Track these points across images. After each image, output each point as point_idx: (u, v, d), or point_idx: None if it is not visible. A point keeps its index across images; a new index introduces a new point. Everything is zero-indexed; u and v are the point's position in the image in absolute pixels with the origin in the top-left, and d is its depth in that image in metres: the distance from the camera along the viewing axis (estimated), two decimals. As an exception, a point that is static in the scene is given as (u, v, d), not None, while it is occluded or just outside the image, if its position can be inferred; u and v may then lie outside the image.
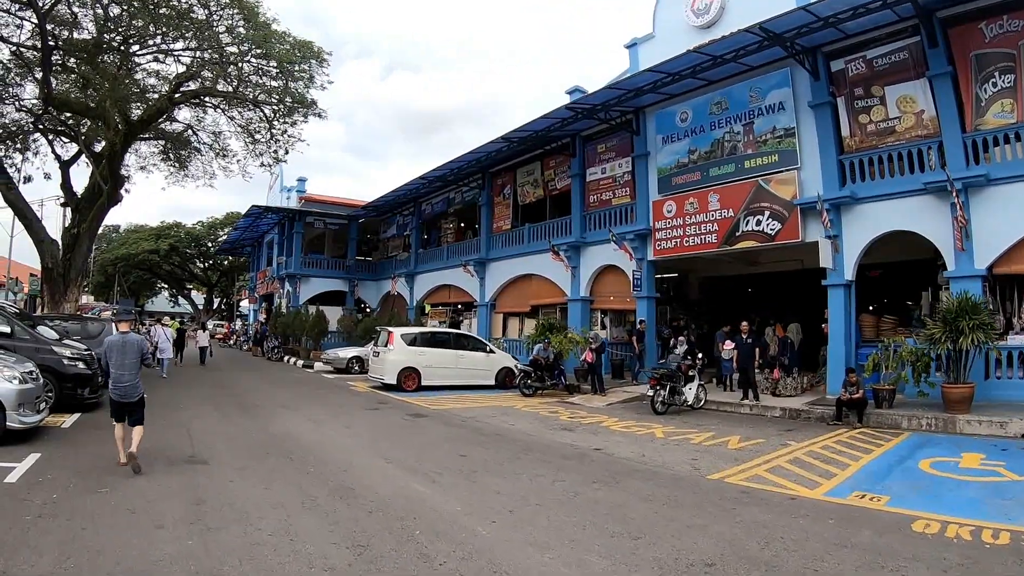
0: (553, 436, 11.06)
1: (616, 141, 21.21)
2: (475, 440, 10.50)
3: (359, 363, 22.90)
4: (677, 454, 9.39)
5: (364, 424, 11.93)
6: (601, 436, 11.05)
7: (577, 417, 13.43)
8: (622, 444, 10.26)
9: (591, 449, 9.81)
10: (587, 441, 10.53)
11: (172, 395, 14.65)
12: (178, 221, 56.59)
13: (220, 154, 26.89)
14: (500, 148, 22.89)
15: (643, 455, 9.27)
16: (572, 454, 9.44)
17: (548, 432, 11.49)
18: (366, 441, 10.16)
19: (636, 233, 19.49)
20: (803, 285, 20.67)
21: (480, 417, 13.18)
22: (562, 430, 11.74)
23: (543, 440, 10.66)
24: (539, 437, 10.95)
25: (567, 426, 12.22)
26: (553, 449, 9.83)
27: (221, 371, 22.64)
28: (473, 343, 19.25)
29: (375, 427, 11.63)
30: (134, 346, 7.63)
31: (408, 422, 12.36)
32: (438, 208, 30.56)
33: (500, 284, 25.71)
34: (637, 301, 19.94)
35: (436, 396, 16.62)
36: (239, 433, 10.32)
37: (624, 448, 9.88)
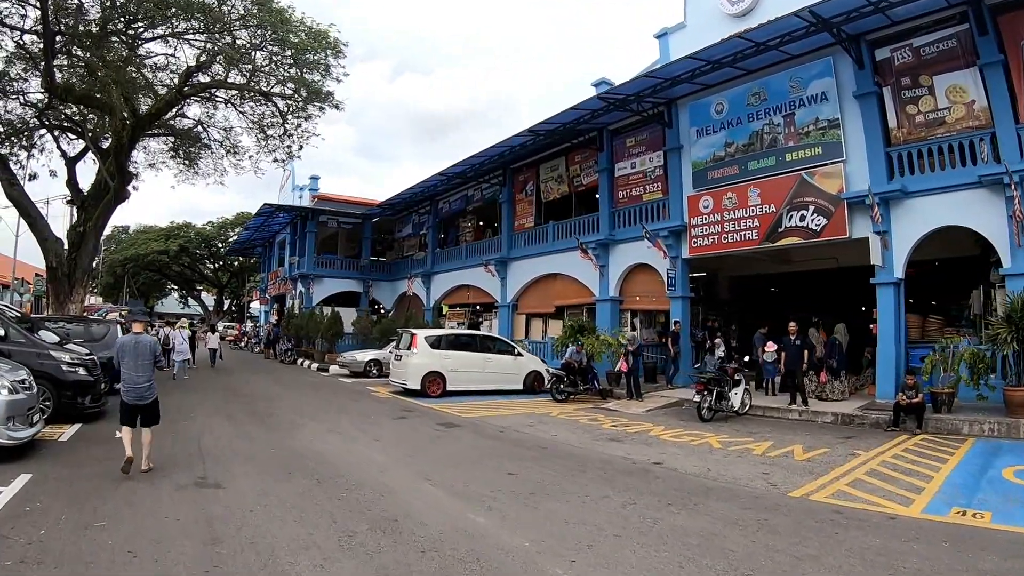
0: (603, 448, 9.98)
1: (646, 135, 20.17)
2: (519, 455, 9.36)
3: (377, 366, 21.79)
4: (744, 467, 8.51)
5: (393, 436, 10.76)
6: (654, 447, 10.04)
7: (620, 425, 12.39)
8: (680, 457, 9.30)
9: (650, 463, 8.79)
10: (642, 453, 9.50)
11: (182, 402, 13.54)
12: (188, 221, 55.71)
13: (231, 151, 25.95)
14: (525, 142, 21.75)
15: (708, 469, 8.36)
16: (632, 470, 8.40)
17: (596, 444, 10.42)
18: (400, 457, 9.00)
19: (670, 230, 18.40)
20: (838, 284, 20.26)
21: (516, 427, 12.06)
22: (609, 441, 10.69)
23: (594, 453, 9.60)
24: (588, 450, 9.88)
25: (613, 436, 11.17)
26: (609, 464, 8.76)
27: (233, 375, 21.57)
28: (500, 345, 18.10)
29: (406, 439, 10.47)
30: (147, 347, 7.43)
31: (441, 433, 11.21)
32: (456, 206, 29.44)
33: (523, 284, 24.57)
34: (671, 301, 18.83)
35: (463, 402, 15.52)
36: (256, 448, 9.15)
37: (684, 461, 8.94)
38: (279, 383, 19.17)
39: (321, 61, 20.50)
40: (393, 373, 17.37)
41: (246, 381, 19.50)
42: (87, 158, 25.59)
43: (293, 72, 20.12)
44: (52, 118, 24.23)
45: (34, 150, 25.46)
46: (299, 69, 19.95)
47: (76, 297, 22.38)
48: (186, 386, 16.92)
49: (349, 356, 22.41)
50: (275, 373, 23.16)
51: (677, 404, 15.45)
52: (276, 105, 22.68)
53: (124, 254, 53.58)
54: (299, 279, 33.84)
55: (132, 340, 7.40)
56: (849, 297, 21.05)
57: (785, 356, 14.15)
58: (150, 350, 7.45)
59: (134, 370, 7.28)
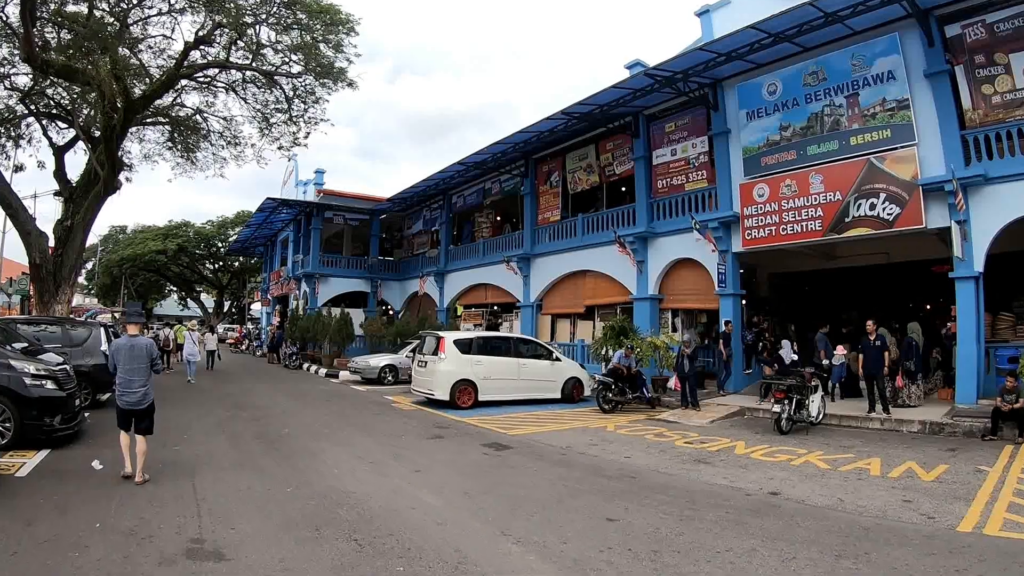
0: (696, 474, 8.14)
1: (688, 119, 18.19)
2: (605, 488, 7.26)
3: (393, 372, 19.63)
4: (877, 494, 7.05)
5: (437, 464, 8.56)
6: (754, 471, 8.29)
7: (694, 442, 10.49)
8: (795, 483, 7.61)
9: (766, 494, 7.07)
10: (746, 480, 7.77)
11: (178, 418, 11.35)
12: (187, 220, 53.27)
13: (232, 142, 23.88)
14: (555, 126, 19.68)
15: (840, 500, 6.84)
16: (754, 506, 6.60)
17: (684, 468, 8.51)
18: (457, 497, 6.81)
19: (720, 221, 16.44)
20: (887, 281, 18.96)
21: (578, 447, 9.97)
22: (697, 463, 8.80)
23: (690, 482, 7.72)
24: (681, 477, 7.97)
25: (698, 456, 9.29)
26: (719, 497, 6.89)
27: (235, 383, 19.30)
28: (535, 349, 15.94)
29: (455, 469, 8.27)
30: (143, 350, 7.11)
31: (493, 458, 9.03)
32: (472, 200, 27.27)
33: (548, 282, 22.43)
34: (720, 299, 16.82)
35: (500, 414, 13.45)
36: (269, 489, 6.93)
37: (804, 490, 7.30)
38: (287, 393, 16.95)
39: (333, 36, 18.43)
40: (415, 381, 15.18)
41: (250, 390, 17.28)
42: (77, 148, 23.57)
43: (303, 42, 17.97)
44: (40, 105, 22.19)
45: (22, 140, 23.47)
46: (309, 37, 17.80)
47: (62, 297, 20.25)
48: (184, 397, 14.69)
49: (362, 361, 20.21)
50: (280, 380, 20.93)
51: (739, 413, 13.82)
52: (282, 88, 20.61)
53: (121, 254, 51.29)
54: (304, 278, 31.67)
55: (127, 343, 7.09)
56: (900, 294, 19.81)
57: (863, 359, 12.49)
58: (146, 353, 7.11)
59: (129, 374, 6.97)
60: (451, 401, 13.95)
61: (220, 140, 24.04)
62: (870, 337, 12.41)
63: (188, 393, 15.63)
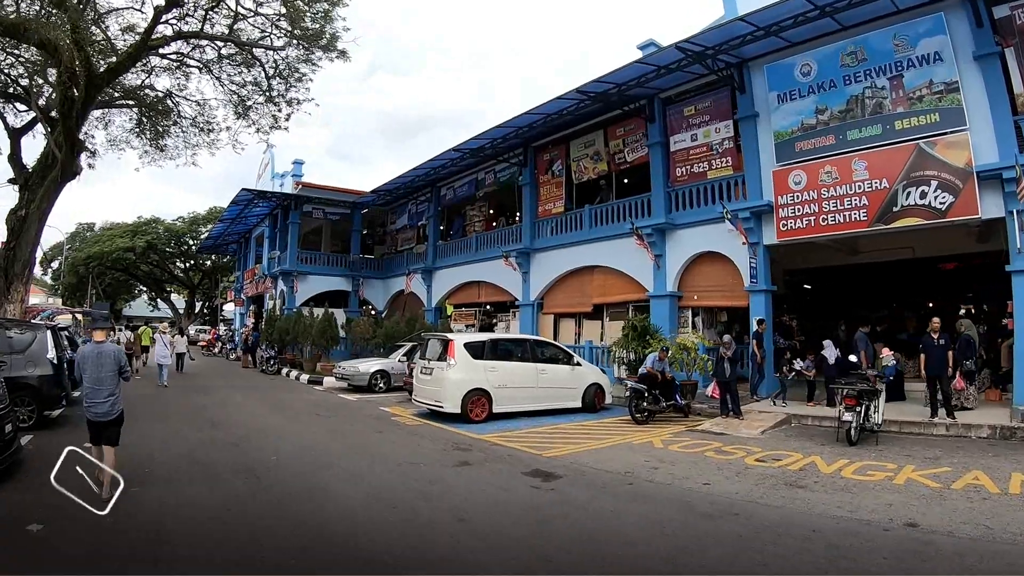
0: (804, 504, 6.56)
1: (710, 102, 16.49)
2: (716, 533, 5.57)
3: (384, 379, 17.44)
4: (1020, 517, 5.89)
5: (482, 508, 6.48)
6: (863, 495, 6.89)
7: (765, 459, 8.95)
8: (917, 508, 6.31)
9: (903, 526, 5.71)
10: (866, 509, 6.29)
11: (140, 443, 8.88)
12: (156, 217, 50.02)
13: (205, 129, 21.51)
14: (566, 106, 17.69)
15: (989, 528, 5.58)
16: (901, 544, 5.27)
17: (781, 495, 6.95)
18: (530, 559, 4.76)
19: (752, 210, 14.76)
20: (915, 277, 18.21)
21: (637, 471, 8.13)
22: (791, 487, 7.26)
23: (807, 516, 6.13)
24: (789, 510, 6.40)
25: (785, 478, 7.69)
26: (858, 537, 5.51)
27: (208, 392, 16.83)
28: (552, 352, 13.96)
29: (509, 517, 6.20)
30: (110, 357, 6.52)
31: (549, 495, 6.94)
32: (463, 192, 25.12)
33: (550, 279, 20.45)
34: (750, 296, 15.16)
35: (521, 428, 11.51)
36: (270, 560, 4.79)
37: (939, 517, 5.97)
38: (268, 404, 14.64)
39: (320, 8, 16.26)
40: (418, 391, 13.03)
41: (225, 401, 14.88)
42: (36, 132, 20.91)
43: (289, 8, 15.75)
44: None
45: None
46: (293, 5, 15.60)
47: (15, 296, 17.62)
48: (150, 411, 12.18)
49: (350, 366, 17.94)
50: (259, 388, 18.53)
51: (786, 421, 12.14)
52: (262, 65, 18.33)
53: (88, 252, 48.01)
54: (281, 276, 29.22)
55: (93, 350, 6.56)
56: (928, 292, 18.87)
57: (925, 359, 11.31)
58: (114, 360, 6.58)
59: (96, 383, 6.44)
60: (463, 414, 11.88)
61: (192, 126, 21.68)
62: (933, 335, 11.22)
63: (155, 406, 13.18)
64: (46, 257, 56.27)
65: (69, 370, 11.66)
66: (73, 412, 11.31)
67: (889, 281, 19.22)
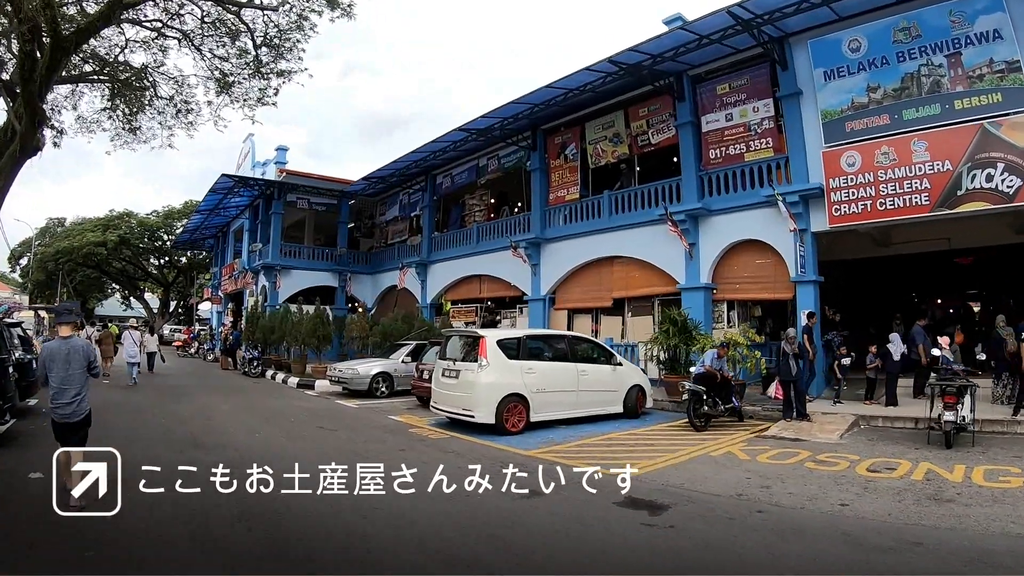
0: (974, 523, 5.47)
1: (745, 79, 14.88)
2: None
3: (387, 382, 15.19)
4: None
5: (598, 564, 4.33)
6: (1017, 506, 5.83)
7: (878, 469, 7.56)
8: None
9: None
10: None
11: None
12: (129, 210, 46.73)
13: (183, 110, 19.09)
14: (592, 80, 15.81)
15: None
16: None
17: (937, 514, 5.77)
18: None
19: (800, 194, 13.22)
20: (940, 270, 17.55)
21: (746, 492, 6.64)
22: (938, 502, 6.13)
23: (988, 538, 5.05)
24: (963, 533, 5.23)
25: (924, 492, 6.47)
26: None
27: (187, 399, 14.17)
28: (593, 350, 11.93)
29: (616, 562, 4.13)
30: (79, 353, 6.02)
31: (669, 536, 4.96)
32: (462, 180, 22.94)
33: (564, 272, 18.44)
34: (798, 287, 13.49)
35: (568, 440, 9.52)
36: None
37: None
38: (260, 413, 12.26)
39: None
40: (439, 397, 10.81)
41: (208, 411, 12.37)
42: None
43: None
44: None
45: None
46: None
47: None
48: (116, 426, 9.46)
49: (347, 368, 15.61)
50: (244, 393, 16.06)
51: (855, 424, 10.60)
52: (250, 32, 15.99)
53: (56, 246, 44.68)
54: (262, 271, 26.71)
55: (61, 347, 5.96)
56: (957, 284, 18.51)
57: (994, 353, 10.94)
58: (83, 356, 6.02)
59: (63, 382, 5.86)
60: (498, 424, 9.77)
61: (169, 107, 19.22)
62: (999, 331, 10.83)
63: (123, 417, 10.58)
64: (14, 254, 52.83)
65: (21, 374, 9.85)
66: (26, 427, 9.24)
67: (915, 274, 18.44)
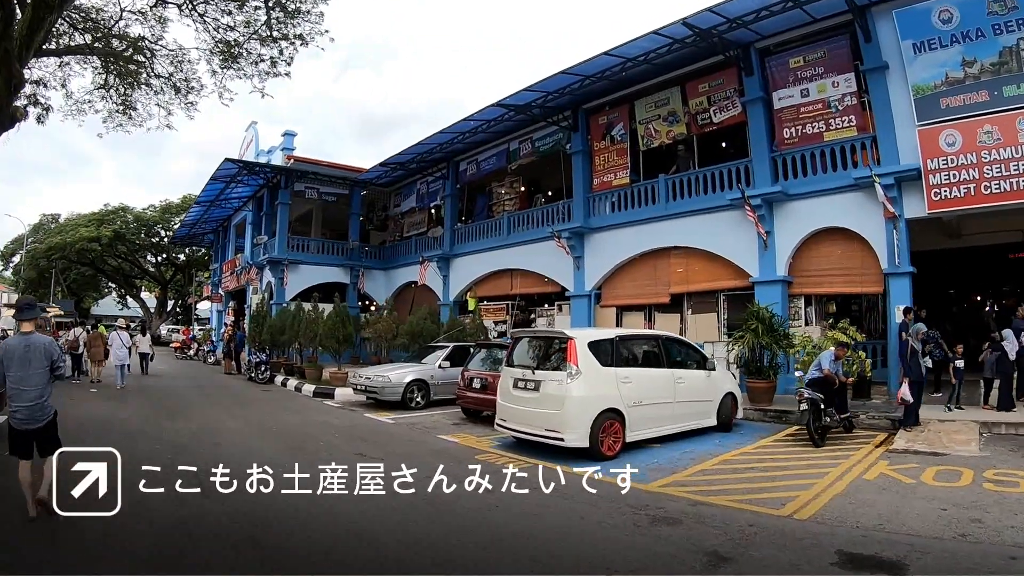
0: None
1: (822, 51, 13.04)
2: None
3: (423, 391, 12.95)
4: None
5: None
6: None
7: None
8: None
9: None
10: None
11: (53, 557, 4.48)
12: (124, 204, 44.14)
13: (182, 90, 16.95)
14: (658, 45, 13.66)
15: None
16: None
17: None
18: None
19: (896, 176, 11.52)
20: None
21: (977, 533, 5.12)
22: None
23: None
24: None
25: None
26: None
27: (186, 411, 11.91)
28: (687, 353, 9.79)
29: None
30: (40, 351, 5.22)
31: None
32: (489, 166, 20.72)
33: (612, 265, 16.31)
34: (890, 280, 11.73)
35: (685, 468, 7.46)
36: None
37: None
38: (277, 434, 9.93)
39: None
40: (510, 414, 8.47)
41: (213, 430, 9.98)
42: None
43: None
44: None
45: None
46: None
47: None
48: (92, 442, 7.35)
49: (377, 375, 13.17)
50: (254, 404, 13.72)
51: (980, 432, 8.96)
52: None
53: (48, 242, 42.18)
54: (268, 266, 24.42)
55: (20, 343, 5.24)
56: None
57: None
58: (44, 354, 5.22)
59: (20, 383, 5.11)
60: (592, 448, 7.59)
61: (167, 86, 17.05)
62: None
63: (110, 442, 8.34)
64: (6, 251, 50.37)
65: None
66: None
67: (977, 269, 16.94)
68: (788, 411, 10.99)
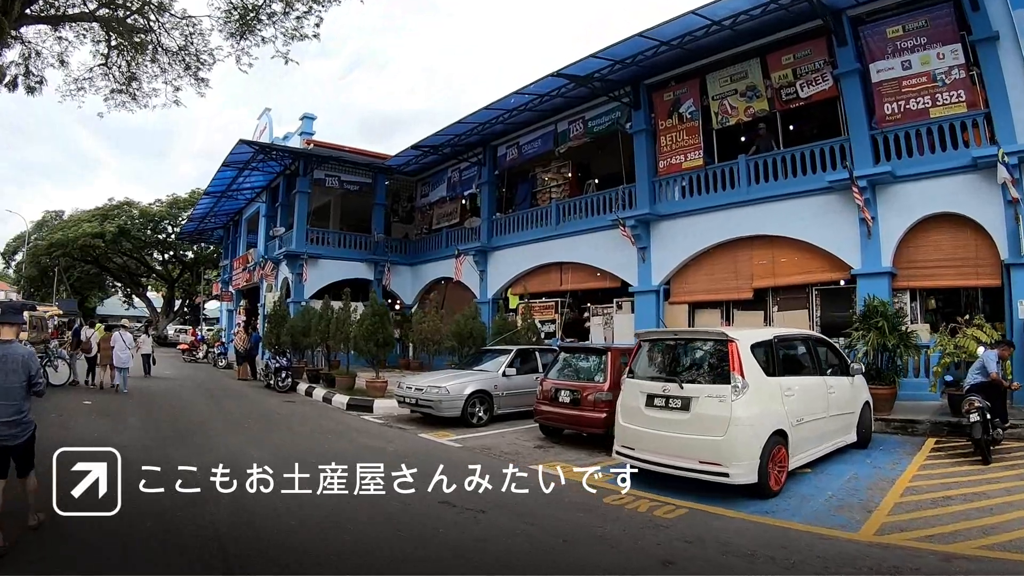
0: None
1: (923, 20, 11.53)
2: None
3: (485, 404, 11.30)
4: None
5: None
6: None
7: None
8: None
9: None
10: None
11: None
12: (129, 199, 42.42)
13: (192, 65, 15.56)
14: (751, 7, 12.11)
15: None
16: None
17: None
18: None
19: (1020, 156, 10.09)
20: None
21: None
22: None
23: None
24: None
25: None
26: None
27: (196, 436, 9.65)
28: (832, 356, 8.20)
29: None
30: (18, 363, 4.76)
31: None
32: (533, 149, 19.04)
33: (683, 257, 14.73)
34: (1012, 272, 10.28)
35: (875, 503, 5.88)
36: None
37: None
38: (328, 475, 8.43)
39: None
40: (642, 440, 6.75)
41: (232, 463, 7.82)
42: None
43: None
44: None
45: None
46: None
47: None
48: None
49: (430, 386, 11.33)
50: (281, 424, 11.46)
51: None
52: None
53: (50, 239, 40.56)
54: (285, 260, 22.72)
55: None
56: None
57: None
58: (22, 366, 4.76)
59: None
60: (761, 483, 5.98)
61: (176, 61, 15.55)
62: None
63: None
64: (8, 249, 48.79)
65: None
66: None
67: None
68: (915, 421, 9.67)
